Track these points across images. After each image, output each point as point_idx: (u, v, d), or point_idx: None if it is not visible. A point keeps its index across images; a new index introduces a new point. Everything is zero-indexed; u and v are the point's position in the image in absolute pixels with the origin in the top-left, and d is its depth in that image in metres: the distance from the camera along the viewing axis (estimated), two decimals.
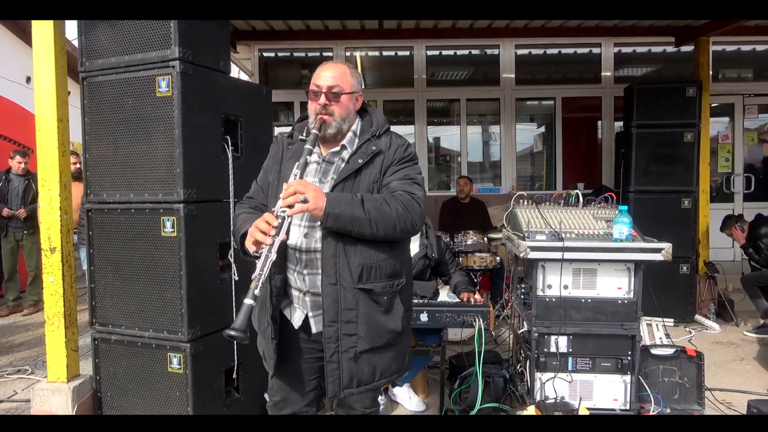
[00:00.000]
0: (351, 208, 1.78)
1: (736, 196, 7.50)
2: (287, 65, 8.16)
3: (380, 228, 1.81)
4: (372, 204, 1.82)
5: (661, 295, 4.80)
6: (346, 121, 1.98)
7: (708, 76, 6.13)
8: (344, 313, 1.86)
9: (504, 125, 7.82)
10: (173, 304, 2.73)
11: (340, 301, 1.85)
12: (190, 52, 2.70)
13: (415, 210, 1.88)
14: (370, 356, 1.89)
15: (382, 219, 1.81)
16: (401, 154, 1.97)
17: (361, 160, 1.92)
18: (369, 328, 1.88)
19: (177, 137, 2.65)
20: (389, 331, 1.91)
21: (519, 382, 3.42)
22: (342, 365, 1.87)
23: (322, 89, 1.93)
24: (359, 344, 1.87)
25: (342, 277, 1.85)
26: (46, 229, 3.04)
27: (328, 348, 1.87)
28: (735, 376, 4.12)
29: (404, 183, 1.92)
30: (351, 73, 2.00)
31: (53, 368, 3.06)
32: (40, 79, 3.03)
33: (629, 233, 2.99)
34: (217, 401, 2.91)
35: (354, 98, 2.00)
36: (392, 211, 1.82)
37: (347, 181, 1.90)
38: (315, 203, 1.74)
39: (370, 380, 1.92)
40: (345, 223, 1.78)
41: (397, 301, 1.94)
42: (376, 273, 1.89)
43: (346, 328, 1.86)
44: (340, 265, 1.85)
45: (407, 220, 1.85)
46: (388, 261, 1.92)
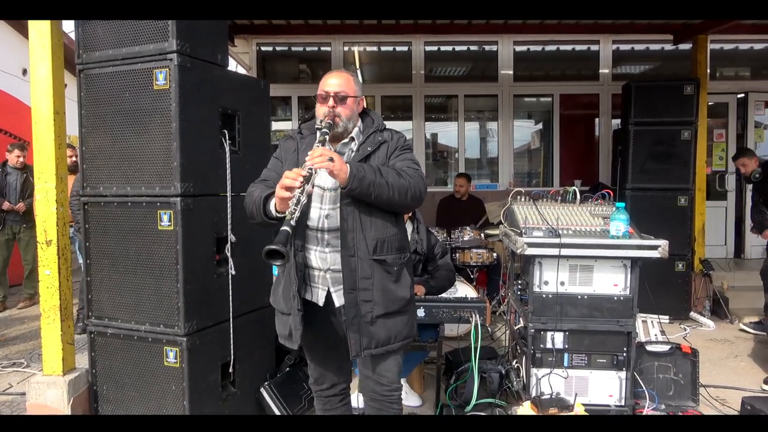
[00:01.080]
0: (372, 173, 2.03)
1: (730, 195, 7.53)
2: (285, 60, 8.13)
3: (396, 193, 2.07)
4: (388, 172, 2.09)
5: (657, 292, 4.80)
6: (351, 121, 2.24)
7: (706, 74, 6.13)
8: (361, 281, 2.10)
9: (502, 122, 7.82)
10: (170, 298, 2.72)
11: (357, 271, 2.10)
12: (187, 45, 2.69)
13: (421, 181, 2.17)
14: (384, 320, 2.14)
15: (397, 185, 2.07)
16: (402, 143, 2.28)
17: (370, 147, 2.20)
18: (383, 294, 2.13)
19: (174, 130, 2.64)
20: (400, 298, 2.18)
21: (515, 378, 3.43)
22: (361, 328, 2.11)
23: (330, 94, 2.19)
24: (375, 309, 2.12)
25: (359, 249, 2.10)
26: (42, 221, 3.03)
27: (348, 313, 2.11)
28: (729, 373, 4.15)
29: (407, 162, 2.21)
30: (354, 81, 2.27)
31: (49, 361, 3.05)
32: (37, 71, 3.01)
33: (626, 230, 2.99)
34: (213, 395, 2.91)
35: (357, 102, 2.27)
36: (405, 180, 2.10)
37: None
38: (340, 164, 1.98)
39: (387, 342, 2.16)
40: (368, 185, 2.01)
41: (404, 272, 2.22)
42: (388, 246, 2.16)
43: (363, 294, 2.11)
44: (357, 240, 2.10)
45: (416, 188, 2.13)
46: (396, 236, 2.20)
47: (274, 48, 7.96)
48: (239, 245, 3.00)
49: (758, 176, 5.04)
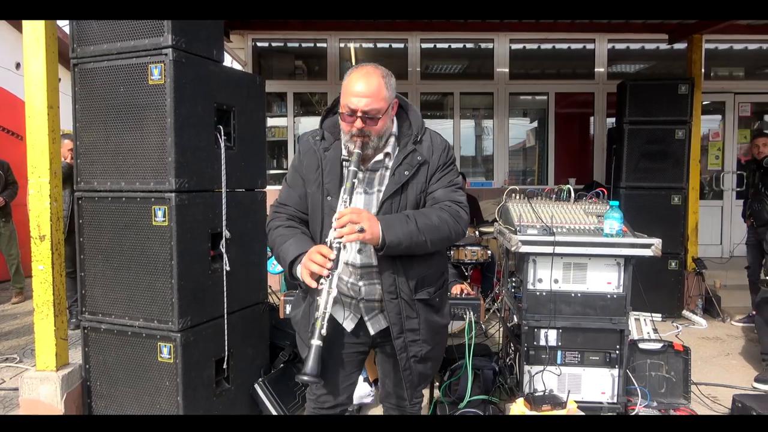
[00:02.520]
0: (407, 236, 1.80)
1: (726, 194, 7.57)
2: (281, 55, 8.10)
3: (434, 244, 1.89)
4: (425, 223, 1.84)
5: (650, 290, 4.85)
6: (383, 137, 1.91)
7: (700, 74, 6.16)
8: (407, 322, 1.94)
9: (497, 120, 7.83)
10: (164, 294, 2.72)
11: (402, 312, 1.93)
12: (183, 40, 2.68)
13: (463, 219, 1.96)
14: (430, 354, 2.03)
15: (435, 236, 1.87)
16: (444, 160, 1.99)
17: (407, 172, 1.91)
18: (429, 330, 2.00)
19: (169, 126, 2.63)
20: (442, 326, 2.09)
21: (508, 375, 3.45)
22: (413, 370, 2.00)
23: (357, 113, 1.81)
24: (423, 348, 1.99)
25: (401, 290, 1.91)
26: (35, 216, 3.02)
27: (401, 358, 1.97)
28: (720, 371, 4.18)
29: (449, 191, 1.96)
30: (386, 84, 1.85)
31: (42, 357, 3.04)
32: (30, 65, 2.99)
33: (620, 228, 3.01)
34: (207, 391, 2.91)
35: (390, 110, 1.90)
36: (444, 226, 1.88)
37: (394, 197, 1.91)
38: (371, 232, 1.76)
39: (431, 373, 2.13)
40: (404, 249, 1.82)
41: (444, 297, 2.10)
42: (429, 281, 1.99)
43: (411, 335, 1.96)
44: (399, 281, 1.90)
45: (458, 230, 1.93)
46: (437, 267, 2.04)
47: (270, 44, 7.94)
48: (234, 241, 2.99)
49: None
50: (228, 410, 3.06)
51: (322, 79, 7.74)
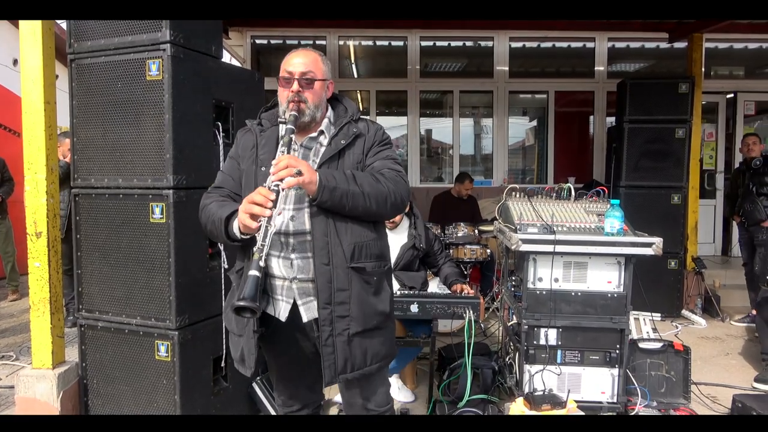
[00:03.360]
0: (344, 182, 1.78)
1: (719, 193, 7.58)
2: (279, 53, 8.06)
3: (373, 202, 1.82)
4: (364, 179, 1.83)
5: (650, 289, 4.84)
6: (319, 109, 1.95)
7: (700, 73, 6.15)
8: (337, 294, 1.84)
9: (497, 118, 7.81)
10: (161, 292, 2.70)
11: (333, 282, 1.83)
12: (181, 35, 2.65)
13: (402, 186, 1.91)
14: (361, 339, 1.88)
15: (374, 193, 1.82)
16: (380, 137, 2.00)
17: (344, 141, 1.92)
18: (361, 309, 1.87)
19: (167, 122, 2.60)
20: (378, 312, 1.92)
21: (508, 374, 3.43)
22: (336, 349, 1.85)
23: (294, 76, 1.90)
24: (351, 326, 1.85)
25: (335, 256, 1.83)
26: (31, 213, 2.99)
27: (323, 331, 1.84)
28: (720, 371, 4.17)
29: (387, 162, 1.95)
30: (323, 60, 1.99)
31: (38, 354, 3.02)
32: (27, 61, 2.96)
33: (620, 227, 3.00)
34: (204, 390, 2.89)
35: (326, 85, 1.98)
36: (383, 187, 1.84)
37: (331, 162, 1.90)
38: (310, 176, 1.73)
39: (363, 364, 1.90)
40: (340, 196, 1.77)
41: (384, 283, 1.97)
42: (366, 252, 1.89)
43: (339, 309, 1.84)
44: (332, 245, 1.83)
45: (397, 194, 1.87)
46: (376, 242, 1.93)
47: (269, 41, 7.91)
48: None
49: (758, 164, 5.10)
50: (225, 409, 3.04)
51: None
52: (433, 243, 3.74)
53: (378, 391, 2.04)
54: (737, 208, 5.38)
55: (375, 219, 1.92)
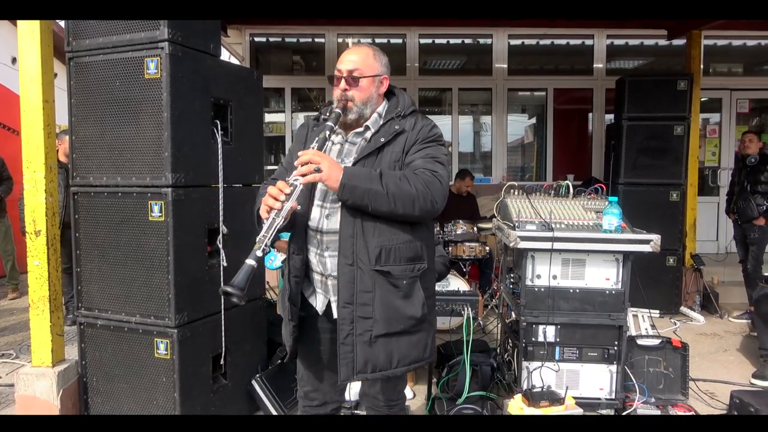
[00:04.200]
0: (368, 181, 1.74)
1: (722, 190, 7.58)
2: (278, 51, 8.07)
3: (398, 204, 1.76)
4: (391, 179, 1.77)
5: (648, 286, 4.85)
6: (368, 106, 1.94)
7: (699, 70, 6.15)
8: (360, 295, 1.82)
9: (496, 115, 7.81)
10: (160, 290, 2.70)
11: (356, 283, 1.81)
12: (179, 33, 2.65)
13: (436, 188, 1.81)
14: (386, 341, 1.84)
15: (400, 194, 1.76)
16: (425, 134, 1.91)
17: (384, 138, 1.88)
18: (386, 311, 1.83)
19: (165, 120, 2.61)
20: (408, 317, 1.86)
21: (506, 371, 3.45)
22: (356, 348, 1.83)
23: (343, 74, 1.91)
24: (375, 328, 1.82)
25: (359, 258, 1.81)
26: (30, 211, 2.99)
27: (342, 330, 1.83)
28: (718, 367, 4.18)
29: (426, 161, 1.86)
30: (374, 56, 1.96)
31: (38, 353, 3.03)
32: (26, 59, 2.96)
33: (618, 224, 3.00)
34: (204, 387, 2.89)
35: (377, 81, 1.95)
36: (411, 188, 1.77)
37: (368, 158, 1.88)
38: (329, 173, 1.72)
39: (387, 366, 1.86)
40: (361, 195, 1.74)
41: (417, 286, 1.88)
42: (395, 255, 1.84)
43: (362, 310, 1.82)
44: (357, 246, 1.81)
45: (427, 197, 1.79)
46: (409, 244, 1.86)
47: (268, 39, 7.90)
48: (231, 237, 2.97)
49: (753, 161, 5.12)
50: (225, 406, 3.05)
51: (320, 74, 7.71)
52: None
53: (396, 387, 2.06)
54: (732, 205, 5.40)
55: (405, 220, 1.85)
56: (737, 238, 5.48)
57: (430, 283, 1.98)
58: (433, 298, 2.01)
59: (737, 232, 5.45)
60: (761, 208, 5.07)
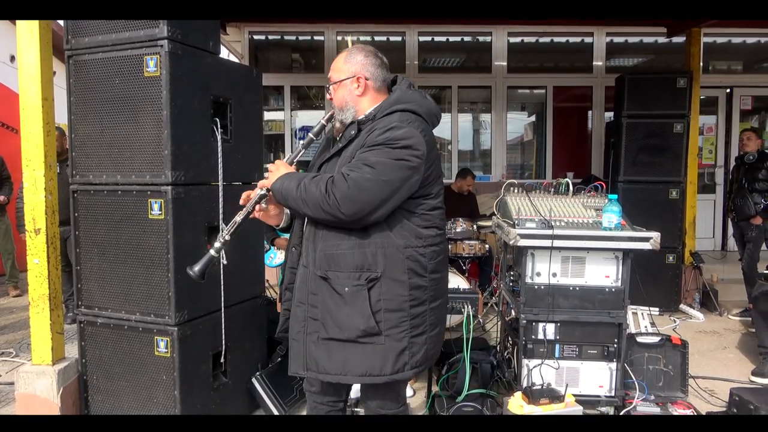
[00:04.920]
0: (289, 184, 1.83)
1: (719, 188, 7.59)
2: (278, 49, 8.06)
3: (309, 206, 1.79)
4: (308, 182, 1.80)
5: (647, 284, 4.86)
6: (345, 111, 1.96)
7: (699, 67, 6.15)
8: (310, 296, 1.89)
9: (495, 113, 7.81)
10: (160, 288, 2.70)
11: (308, 284, 1.90)
12: (178, 31, 2.65)
13: (340, 190, 1.73)
14: (336, 346, 1.84)
15: (308, 198, 1.78)
16: (374, 138, 1.80)
17: (341, 144, 1.92)
18: (329, 317, 1.84)
19: (165, 118, 2.60)
20: (353, 327, 1.80)
21: (506, 369, 3.45)
22: (306, 346, 1.90)
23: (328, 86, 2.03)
24: (321, 331, 1.87)
25: (310, 261, 1.90)
26: (30, 209, 2.99)
27: (293, 326, 1.92)
28: (718, 365, 4.19)
29: (351, 165, 1.79)
30: (345, 58, 1.97)
31: (38, 351, 3.03)
32: (25, 58, 2.96)
33: (618, 222, 3.00)
34: (204, 385, 2.90)
35: (349, 84, 1.95)
36: (316, 191, 1.77)
37: (329, 162, 1.94)
38: (270, 179, 1.89)
39: (337, 371, 1.84)
40: (284, 197, 1.86)
41: (363, 296, 1.79)
42: (337, 262, 1.82)
43: (312, 311, 1.89)
44: (309, 249, 1.91)
45: (327, 200, 1.74)
46: (354, 251, 1.81)
47: (267, 37, 7.89)
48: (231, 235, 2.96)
49: (752, 159, 5.13)
50: (225, 404, 3.05)
51: (319, 72, 7.69)
52: None
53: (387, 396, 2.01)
54: (730, 204, 5.41)
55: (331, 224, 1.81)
56: (736, 237, 5.51)
57: (389, 294, 1.82)
58: (400, 312, 1.84)
59: (736, 230, 5.47)
60: (758, 207, 5.08)
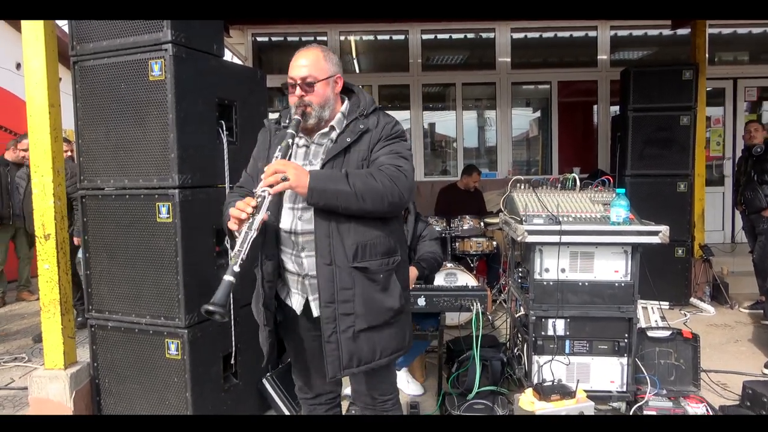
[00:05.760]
0: (335, 182, 1.77)
1: (727, 180, 7.54)
2: (281, 50, 8.08)
3: (367, 201, 1.79)
4: (357, 178, 1.79)
5: (657, 278, 4.84)
6: (326, 108, 1.95)
7: (704, 59, 6.10)
8: (341, 292, 1.85)
9: (500, 110, 7.79)
10: (170, 291, 2.71)
11: (335, 281, 1.85)
12: (182, 35, 2.66)
13: (402, 182, 1.85)
14: (369, 335, 1.89)
15: (368, 192, 1.78)
16: (389, 131, 1.94)
17: (350, 138, 1.91)
18: (366, 306, 1.87)
19: (171, 122, 2.61)
20: (387, 308, 1.91)
21: (516, 366, 3.44)
22: (341, 345, 1.87)
23: (297, 81, 1.91)
24: (357, 323, 1.87)
25: (336, 256, 1.84)
26: (39, 215, 3.01)
27: (326, 329, 1.87)
28: (730, 358, 4.16)
29: (391, 157, 1.90)
30: (325, 57, 1.96)
31: (50, 355, 3.05)
32: (31, 64, 2.97)
33: (626, 216, 2.99)
34: (215, 387, 2.91)
35: (332, 82, 1.96)
36: (378, 184, 1.80)
37: (336, 159, 1.90)
38: (297, 180, 1.74)
39: (371, 359, 1.91)
40: (330, 197, 1.77)
41: (393, 278, 1.94)
42: (371, 251, 1.88)
43: (344, 307, 1.86)
44: (334, 245, 1.84)
45: (394, 192, 1.82)
46: (382, 238, 1.90)
47: (270, 38, 7.91)
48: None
49: (759, 151, 5.08)
50: (236, 405, 3.06)
51: None
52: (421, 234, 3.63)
53: (384, 380, 2.07)
54: (739, 196, 5.36)
55: (376, 216, 1.88)
56: (746, 229, 5.45)
57: (404, 274, 2.03)
58: (408, 289, 2.08)
59: (746, 223, 5.42)
60: None
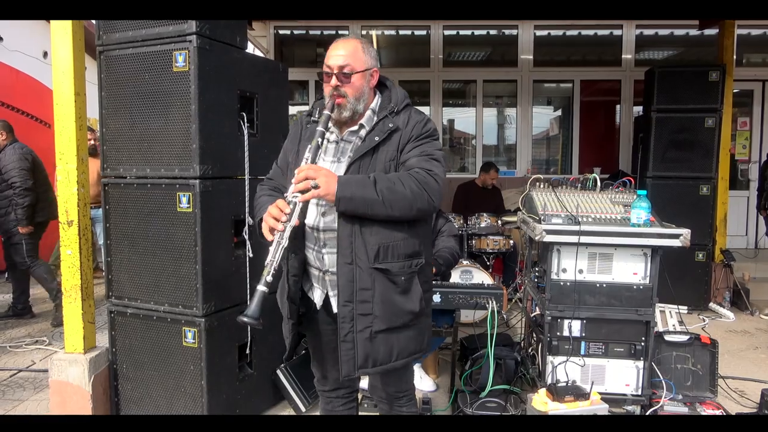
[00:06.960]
0: (363, 190, 1.75)
1: (752, 184, 7.39)
2: (303, 43, 8.10)
3: (395, 209, 1.78)
4: (385, 184, 1.77)
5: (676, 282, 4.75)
6: (361, 101, 1.92)
7: (732, 60, 5.97)
8: (360, 293, 1.83)
9: (521, 108, 7.73)
10: (188, 279, 2.75)
11: (355, 281, 1.83)
12: (206, 27, 2.68)
13: (431, 187, 1.82)
14: (386, 336, 1.87)
15: (396, 199, 1.77)
16: (419, 131, 1.90)
17: (378, 137, 1.87)
18: (385, 308, 1.85)
19: (193, 113, 2.64)
20: (407, 311, 1.88)
21: (530, 365, 3.42)
22: (357, 345, 1.85)
23: (333, 70, 1.88)
24: (375, 324, 1.84)
25: (358, 256, 1.82)
26: (63, 202, 3.07)
27: (342, 328, 1.85)
28: (748, 365, 4.09)
29: (421, 160, 1.86)
30: (364, 49, 1.92)
31: (70, 339, 3.11)
32: (58, 53, 3.02)
33: (647, 218, 2.95)
34: (230, 376, 2.94)
35: (368, 75, 1.93)
36: (406, 191, 1.78)
37: (363, 159, 1.86)
38: (326, 189, 1.73)
39: (387, 360, 1.89)
40: (357, 205, 1.76)
41: (415, 281, 1.91)
42: (393, 253, 1.85)
43: (362, 307, 1.84)
44: (356, 245, 1.82)
45: (422, 198, 1.80)
46: (406, 240, 1.87)
47: (292, 32, 7.93)
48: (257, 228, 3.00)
49: None
50: (250, 395, 3.09)
51: None
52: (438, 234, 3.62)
53: (400, 379, 2.07)
54: (763, 201, 5.26)
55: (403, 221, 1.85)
56: None
57: (427, 276, 2.01)
58: (431, 291, 2.06)
59: None
60: None
